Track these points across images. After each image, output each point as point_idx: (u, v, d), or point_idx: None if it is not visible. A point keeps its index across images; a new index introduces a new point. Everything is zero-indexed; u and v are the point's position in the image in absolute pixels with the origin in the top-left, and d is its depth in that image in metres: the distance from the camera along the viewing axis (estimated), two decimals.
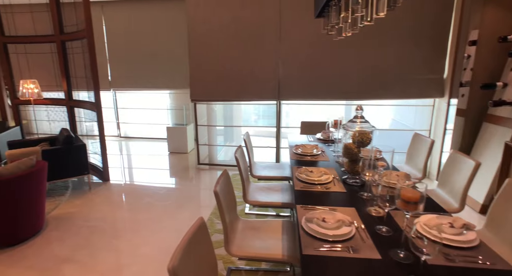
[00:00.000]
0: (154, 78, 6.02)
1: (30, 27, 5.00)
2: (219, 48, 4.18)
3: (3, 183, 2.56)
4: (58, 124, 6.11)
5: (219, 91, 4.30)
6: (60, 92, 4.97)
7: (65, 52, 4.48)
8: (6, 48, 4.73)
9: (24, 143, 4.05)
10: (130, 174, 4.62)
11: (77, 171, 3.81)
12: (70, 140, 3.77)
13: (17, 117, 4.95)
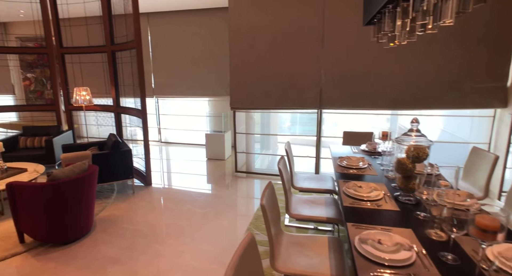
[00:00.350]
0: (194, 86, 6.19)
1: (84, 39, 5.38)
2: (260, 56, 4.20)
3: (60, 185, 2.73)
4: (105, 129, 6.49)
5: (259, 100, 4.30)
6: (108, 99, 5.27)
7: (114, 61, 4.75)
8: (63, 58, 5.12)
9: (76, 147, 4.33)
10: (170, 178, 4.75)
11: (123, 174, 3.99)
12: (117, 145, 3.96)
13: (70, 122, 5.33)
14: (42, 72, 7.29)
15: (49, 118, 5.92)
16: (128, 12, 4.32)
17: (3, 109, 5.25)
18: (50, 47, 5.05)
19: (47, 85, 7.32)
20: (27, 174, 3.75)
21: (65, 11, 5.11)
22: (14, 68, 7.33)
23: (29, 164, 4.12)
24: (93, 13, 5.50)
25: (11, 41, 7.14)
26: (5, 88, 7.40)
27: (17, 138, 4.86)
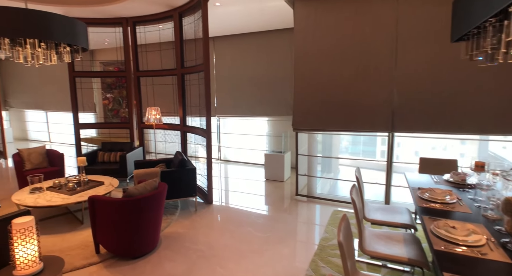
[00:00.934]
0: (255, 105, 6.28)
1: (158, 63, 5.85)
2: (326, 76, 4.08)
3: (134, 202, 2.88)
4: (170, 145, 6.88)
5: (324, 121, 4.15)
6: (176, 118, 5.59)
7: (183, 83, 5.04)
8: (139, 81, 5.61)
9: (146, 163, 4.60)
10: (230, 197, 4.77)
11: (187, 192, 4.10)
12: (183, 163, 4.12)
13: (141, 138, 5.75)
14: (119, 92, 8.09)
15: (123, 134, 6.47)
16: (198, 37, 4.59)
17: (86, 126, 5.89)
18: (129, 71, 5.58)
19: (122, 104, 8.09)
20: (104, 187, 4.08)
21: (143, 38, 5.64)
22: (97, 89, 8.28)
23: (105, 177, 4.49)
24: (166, 39, 5.99)
25: (96, 66, 8.11)
26: (89, 107, 8.37)
27: (97, 152, 5.37)
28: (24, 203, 3.51)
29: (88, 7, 4.69)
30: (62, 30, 3.21)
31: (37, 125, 10.08)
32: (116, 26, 5.48)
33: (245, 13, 4.82)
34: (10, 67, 9.58)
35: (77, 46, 3.68)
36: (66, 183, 4.00)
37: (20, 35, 2.96)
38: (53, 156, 5.02)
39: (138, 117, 5.70)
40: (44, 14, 3.05)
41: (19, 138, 10.46)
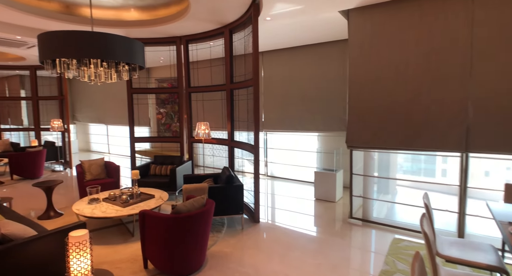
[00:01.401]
0: (304, 120, 6.07)
1: (208, 78, 5.98)
2: (385, 89, 3.75)
3: (182, 219, 2.82)
4: (218, 159, 6.93)
5: (382, 138, 3.79)
6: (223, 132, 5.61)
7: (232, 98, 5.04)
8: (190, 96, 5.76)
9: (195, 178, 4.62)
10: (277, 215, 4.55)
11: (234, 209, 3.99)
12: (230, 179, 4.03)
13: (190, 152, 5.85)
14: (171, 107, 8.46)
15: (174, 148, 6.68)
16: (248, 52, 4.58)
17: (141, 140, 6.17)
18: (181, 87, 5.78)
19: (174, 119, 8.43)
20: (154, 200, 4.15)
21: (194, 55, 5.83)
22: (152, 104, 8.76)
23: (156, 190, 4.58)
24: (216, 55, 6.12)
25: (151, 83, 8.61)
26: (144, 121, 8.87)
27: (149, 165, 5.57)
28: (82, 213, 3.68)
29: (146, 28, 4.97)
30: (122, 50, 3.37)
31: (98, 137, 10.96)
32: (171, 45, 5.74)
33: (295, 26, 4.72)
34: (78, 85, 10.63)
35: (135, 65, 3.87)
36: (120, 195, 4.15)
37: (87, 56, 3.16)
38: (110, 167, 5.30)
39: (188, 131, 5.83)
40: (107, 36, 3.24)
41: (83, 149, 11.46)
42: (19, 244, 2.36)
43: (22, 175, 6.69)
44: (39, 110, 8.33)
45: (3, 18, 4.49)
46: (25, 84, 9.42)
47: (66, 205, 5.02)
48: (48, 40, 3.15)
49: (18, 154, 6.57)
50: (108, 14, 4.88)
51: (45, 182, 4.53)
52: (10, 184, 6.37)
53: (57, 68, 3.43)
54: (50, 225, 4.12)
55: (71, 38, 3.11)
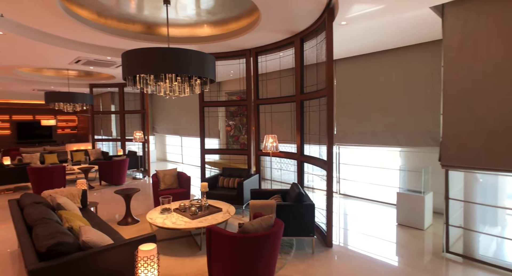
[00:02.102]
0: (383, 133, 5.45)
1: (277, 90, 5.84)
2: (497, 98, 3.05)
3: (249, 239, 2.62)
4: (285, 173, 6.68)
5: (488, 157, 3.07)
6: (292, 145, 5.35)
7: (302, 110, 4.78)
8: (258, 109, 5.67)
9: (262, 193, 4.43)
10: (352, 240, 4.05)
11: (304, 231, 3.66)
12: (300, 197, 3.72)
13: (257, 166, 5.72)
14: (240, 120, 8.57)
15: (242, 160, 6.66)
16: (320, 61, 4.28)
17: (210, 152, 6.29)
18: (249, 99, 5.74)
19: (242, 131, 8.50)
20: (222, 214, 4.06)
21: (263, 66, 5.75)
22: (221, 117, 9.01)
23: (224, 203, 4.52)
24: (286, 66, 5.96)
25: (222, 96, 8.88)
26: (214, 133, 9.15)
27: (218, 177, 5.60)
28: (154, 223, 3.78)
29: (217, 42, 5.07)
30: (195, 64, 3.41)
31: (173, 148, 11.73)
32: (240, 58, 5.78)
33: (375, 29, 4.28)
34: (158, 100, 11.61)
35: (206, 78, 3.90)
36: (190, 206, 4.18)
37: (162, 71, 3.27)
38: (182, 178, 5.47)
39: (256, 144, 5.73)
40: (181, 51, 3.31)
41: (160, 159, 12.38)
42: (96, 252, 2.44)
43: (108, 181, 7.41)
44: (124, 123, 9.26)
45: (98, 41, 5.05)
46: (114, 100, 10.64)
47: (142, 211, 5.30)
48: (129, 58, 3.36)
49: (106, 162, 7.31)
50: (183, 31, 5.13)
51: (125, 189, 4.84)
52: (99, 189, 7.09)
53: (137, 84, 3.64)
54: (127, 231, 4.35)
55: (148, 55, 3.26)
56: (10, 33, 4.13)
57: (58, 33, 4.61)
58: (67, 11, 3.90)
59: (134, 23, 4.91)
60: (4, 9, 3.65)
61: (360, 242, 3.99)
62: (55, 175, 6.38)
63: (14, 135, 12.83)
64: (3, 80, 8.24)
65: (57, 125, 14.01)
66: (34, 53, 5.28)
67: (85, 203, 4.37)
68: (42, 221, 2.73)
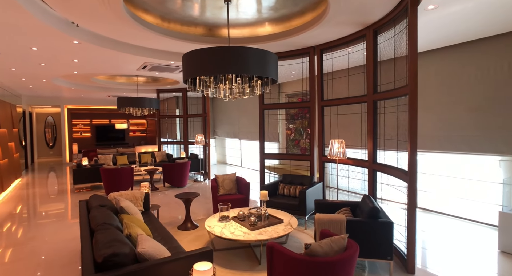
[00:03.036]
0: (474, 138, 4.53)
1: (344, 90, 5.29)
2: None
3: (317, 264, 2.22)
4: (352, 181, 6.05)
5: None
6: (362, 151, 4.76)
7: (375, 111, 4.19)
8: (323, 111, 5.20)
9: (328, 205, 3.96)
10: (437, 264, 3.34)
11: (379, 252, 3.11)
12: (375, 213, 3.18)
13: (321, 173, 5.23)
14: (301, 123, 8.14)
15: (303, 166, 6.22)
16: (399, 55, 3.67)
17: (270, 157, 5.99)
18: (313, 101, 5.30)
19: (303, 134, 8.05)
20: (283, 226, 3.71)
21: (329, 65, 5.26)
22: (281, 120, 8.68)
23: (285, 214, 4.16)
24: (355, 63, 5.39)
25: (282, 98, 8.56)
26: (273, 137, 8.87)
27: (278, 184, 5.26)
28: (212, 231, 3.59)
29: (279, 40, 4.76)
30: (256, 64, 3.14)
31: (233, 151, 11.78)
32: (304, 56, 5.38)
33: (470, 13, 3.51)
34: (219, 103, 11.78)
35: (268, 79, 3.61)
36: (249, 215, 3.92)
37: (222, 72, 3.06)
38: (241, 183, 5.27)
39: (319, 149, 5.26)
40: (241, 50, 3.07)
41: (220, 161, 12.55)
42: (151, 265, 2.28)
43: (171, 183, 7.62)
44: (187, 126, 9.54)
45: (162, 46, 5.14)
46: (179, 104, 11.09)
47: (202, 216, 5.23)
48: (188, 60, 3.23)
49: (169, 164, 7.53)
50: (244, 32, 4.93)
51: (185, 193, 4.80)
52: (162, 191, 7.32)
53: (197, 87, 3.51)
54: (186, 237, 4.27)
55: (206, 55, 3.08)
56: (85, 42, 4.38)
57: (125, 40, 4.78)
58: (133, 17, 3.97)
59: (196, 26, 4.88)
60: (77, 19, 3.84)
61: (449, 269, 3.26)
62: (123, 175, 6.74)
63: (93, 138, 14.32)
64: (83, 88, 9.13)
65: (129, 129, 15.24)
66: (105, 61, 5.61)
67: (148, 206, 4.41)
68: (103, 227, 2.70)
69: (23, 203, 6.30)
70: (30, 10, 3.39)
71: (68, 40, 4.26)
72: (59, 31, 3.92)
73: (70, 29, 4.07)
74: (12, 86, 8.51)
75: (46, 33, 3.99)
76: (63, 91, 9.64)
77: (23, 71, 6.49)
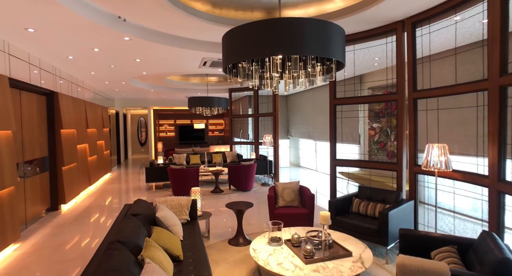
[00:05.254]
0: None
1: (448, 76, 3.86)
2: None
3: None
4: (460, 198, 4.49)
5: None
6: (478, 159, 3.32)
7: (504, 103, 2.76)
8: (415, 105, 3.88)
9: (421, 239, 2.76)
10: None
11: None
12: (506, 270, 1.91)
13: (413, 187, 3.91)
14: (387, 121, 6.69)
15: (388, 174, 4.93)
16: None
17: (343, 163, 4.88)
18: (401, 92, 4.03)
19: (391, 136, 6.59)
20: (350, 263, 2.70)
21: (425, 44, 3.91)
22: (363, 118, 7.34)
23: (357, 242, 3.12)
24: (463, 39, 3.89)
25: (363, 89, 7.21)
26: (352, 138, 7.59)
27: (351, 199, 4.17)
28: (256, 257, 2.86)
29: (351, 15, 3.69)
30: (312, 40, 2.26)
31: (307, 153, 10.78)
32: (388, 35, 4.14)
33: None
34: (293, 100, 10.93)
35: (330, 62, 2.65)
36: (306, 241, 3.04)
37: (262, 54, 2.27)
38: (305, 195, 4.36)
39: (411, 156, 3.95)
40: (289, 21, 2.24)
41: (294, 164, 11.69)
42: None
43: (236, 186, 7.16)
44: (258, 126, 9.00)
45: (217, 37, 4.59)
46: (251, 103, 10.68)
47: (258, 229, 4.53)
48: (226, 43, 2.54)
49: (234, 166, 7.08)
50: (309, 11, 4.03)
51: (236, 203, 4.17)
52: (227, 194, 6.92)
53: (239, 77, 2.80)
54: (233, 255, 3.62)
55: (243, 35, 2.35)
56: (136, 38, 4.15)
57: (175, 32, 4.40)
58: (176, 5, 3.50)
59: (253, 10, 4.19)
60: (119, 11, 3.57)
61: None
62: (189, 176, 6.57)
63: (177, 137, 15.19)
64: (161, 89, 9.49)
65: (208, 128, 15.71)
66: (163, 58, 5.36)
67: (195, 214, 3.93)
68: (113, 246, 2.22)
69: (102, 197, 6.70)
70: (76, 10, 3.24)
71: (120, 36, 4.08)
72: (107, 28, 3.73)
73: (118, 25, 3.86)
74: (103, 90, 9.39)
75: (96, 31, 3.86)
76: (146, 93, 10.26)
77: (101, 75, 6.90)
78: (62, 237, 4.34)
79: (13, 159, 4.01)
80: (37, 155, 5.12)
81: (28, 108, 4.87)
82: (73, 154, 6.25)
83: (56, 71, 5.82)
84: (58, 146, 5.66)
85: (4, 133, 3.83)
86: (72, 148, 6.22)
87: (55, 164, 5.64)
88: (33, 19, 3.42)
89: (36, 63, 4.95)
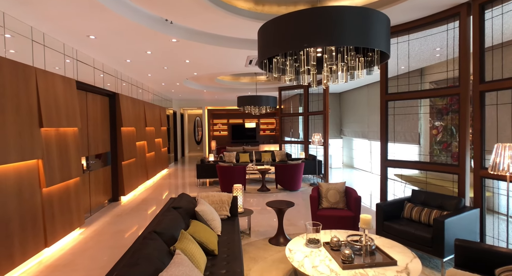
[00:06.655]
0: None
1: None
2: None
3: None
4: None
5: None
6: None
7: None
8: (483, 99, 3.37)
9: (482, 253, 2.38)
10: None
11: None
12: None
13: (479, 194, 3.41)
14: (452, 119, 5.97)
15: (448, 178, 4.40)
16: None
17: (395, 165, 4.47)
18: (465, 85, 3.54)
19: (456, 136, 5.87)
20: (393, 271, 2.45)
21: (496, 28, 3.36)
22: (423, 115, 6.67)
23: (404, 250, 2.82)
24: None
25: (424, 83, 6.54)
26: (411, 137, 6.94)
27: (404, 203, 3.80)
28: (291, 257, 2.77)
29: (396, 3, 3.35)
30: (351, 29, 2.11)
31: (361, 153, 10.19)
32: (450, 21, 3.67)
33: None
34: (347, 98, 10.42)
35: (372, 53, 2.45)
36: (345, 245, 2.85)
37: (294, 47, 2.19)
38: (351, 197, 4.11)
39: (476, 157, 3.45)
40: (327, 10, 2.12)
41: (347, 165, 11.14)
42: None
43: (283, 185, 7.07)
44: (308, 124, 8.79)
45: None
46: (301, 102, 10.47)
47: (300, 230, 4.40)
48: (262, 37, 2.51)
49: (281, 165, 7.00)
50: (356, 1, 3.78)
51: (278, 202, 4.11)
52: (274, 193, 6.87)
53: (274, 72, 2.74)
54: (273, 254, 3.57)
55: (276, 27, 2.29)
56: (183, 39, 4.35)
57: (219, 32, 4.49)
58: (218, 4, 3.57)
59: (296, 4, 4.09)
60: (168, 16, 3.77)
61: None
62: (236, 173, 6.68)
63: (230, 136, 15.65)
64: (213, 90, 9.84)
65: (260, 128, 15.86)
66: (210, 57, 5.48)
67: (235, 211, 3.97)
68: (150, 236, 2.34)
69: (158, 191, 7.20)
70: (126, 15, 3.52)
71: (167, 38, 4.31)
72: (155, 30, 3.97)
73: (165, 27, 4.08)
74: (161, 91, 10.08)
75: (145, 34, 4.13)
76: (199, 93, 10.74)
77: (157, 76, 7.39)
78: (119, 225, 4.76)
79: (79, 153, 4.51)
80: (101, 150, 5.69)
81: (93, 108, 5.45)
82: (132, 150, 6.82)
83: (118, 74, 6.41)
84: (118, 142, 6.23)
85: (71, 130, 4.33)
86: (132, 144, 6.80)
87: (116, 158, 6.21)
88: (92, 27, 3.80)
89: (100, 67, 5.51)
